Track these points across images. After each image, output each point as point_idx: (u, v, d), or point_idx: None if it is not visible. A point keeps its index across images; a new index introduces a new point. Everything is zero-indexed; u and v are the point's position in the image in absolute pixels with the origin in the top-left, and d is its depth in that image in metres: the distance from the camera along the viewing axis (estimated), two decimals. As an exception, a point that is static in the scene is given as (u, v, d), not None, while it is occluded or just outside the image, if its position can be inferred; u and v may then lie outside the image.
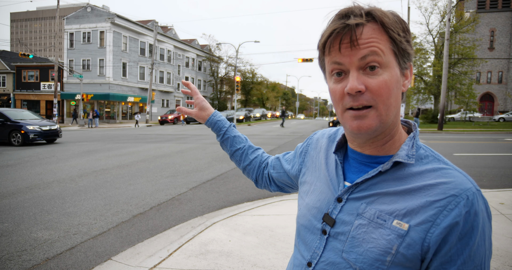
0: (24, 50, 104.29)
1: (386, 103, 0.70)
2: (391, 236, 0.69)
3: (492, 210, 4.86)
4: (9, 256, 3.64)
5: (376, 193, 0.74)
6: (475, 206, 0.66)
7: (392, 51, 0.70)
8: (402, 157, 0.73)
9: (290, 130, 24.58)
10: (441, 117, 23.18)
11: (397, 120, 0.76)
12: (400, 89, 0.74)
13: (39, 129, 14.60)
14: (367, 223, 0.72)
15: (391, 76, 0.70)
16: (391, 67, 0.70)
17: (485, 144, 14.88)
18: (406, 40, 0.72)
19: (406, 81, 0.75)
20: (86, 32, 37.33)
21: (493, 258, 3.33)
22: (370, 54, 0.68)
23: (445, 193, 0.67)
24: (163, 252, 3.61)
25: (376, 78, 0.69)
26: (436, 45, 33.46)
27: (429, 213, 0.67)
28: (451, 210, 0.66)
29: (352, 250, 0.73)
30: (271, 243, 3.77)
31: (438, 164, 0.73)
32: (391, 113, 0.71)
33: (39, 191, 6.38)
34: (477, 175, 7.63)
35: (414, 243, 0.67)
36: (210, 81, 56.10)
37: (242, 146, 1.23)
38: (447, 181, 0.69)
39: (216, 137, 1.27)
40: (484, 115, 41.79)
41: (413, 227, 0.67)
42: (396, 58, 0.71)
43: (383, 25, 0.69)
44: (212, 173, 8.03)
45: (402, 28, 0.71)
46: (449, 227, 0.65)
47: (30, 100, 39.59)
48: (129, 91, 39.29)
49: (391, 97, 0.70)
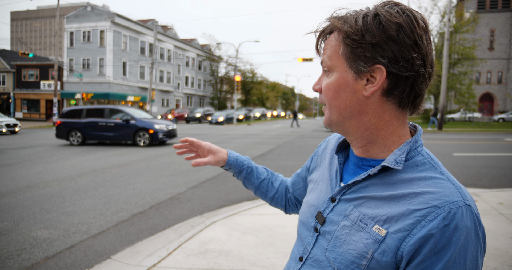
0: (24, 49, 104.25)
1: (330, 104, 0.76)
2: (369, 240, 0.69)
3: (491, 210, 4.86)
4: (8, 255, 3.64)
5: (364, 196, 0.74)
6: (456, 221, 0.63)
7: (339, 55, 0.72)
8: (390, 162, 0.71)
9: (290, 130, 24.57)
10: (441, 117, 23.19)
11: (366, 124, 0.74)
12: (355, 93, 0.72)
13: (165, 128, 13.88)
14: (351, 225, 0.73)
15: (336, 80, 0.74)
16: (338, 71, 0.73)
17: (485, 144, 14.89)
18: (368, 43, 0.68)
19: (370, 85, 0.71)
20: (86, 31, 37.32)
21: (493, 257, 3.34)
22: (325, 59, 0.76)
23: (427, 203, 0.65)
24: (163, 251, 3.61)
25: (325, 80, 0.76)
26: (436, 45, 33.44)
27: (408, 221, 0.65)
28: (430, 221, 0.63)
29: (334, 250, 0.74)
30: (270, 243, 3.77)
31: (432, 173, 0.71)
32: (337, 113, 0.75)
33: (38, 190, 6.38)
34: (476, 175, 7.64)
35: (388, 250, 0.66)
36: (210, 81, 56.11)
37: (266, 175, 1.18)
38: (434, 191, 0.67)
39: (238, 175, 1.17)
40: (484, 115, 41.82)
41: (390, 234, 0.67)
42: (346, 62, 0.72)
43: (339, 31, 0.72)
44: (212, 172, 8.03)
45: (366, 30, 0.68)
46: (423, 238, 0.63)
47: (30, 99, 39.59)
48: (129, 90, 39.28)
49: (334, 99, 0.74)
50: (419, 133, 0.77)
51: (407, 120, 0.77)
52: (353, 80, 0.72)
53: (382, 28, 0.68)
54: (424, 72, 0.70)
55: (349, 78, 0.72)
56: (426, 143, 14.85)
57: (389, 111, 0.73)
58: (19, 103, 39.84)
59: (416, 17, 0.70)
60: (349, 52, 0.71)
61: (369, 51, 0.69)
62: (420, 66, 0.69)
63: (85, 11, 37.47)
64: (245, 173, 1.16)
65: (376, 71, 0.70)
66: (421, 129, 0.79)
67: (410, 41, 0.68)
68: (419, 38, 0.68)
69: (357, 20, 0.69)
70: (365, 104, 0.73)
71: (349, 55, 0.71)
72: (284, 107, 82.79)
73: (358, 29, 0.69)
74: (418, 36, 0.68)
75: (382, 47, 0.68)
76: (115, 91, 36.81)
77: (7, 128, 19.75)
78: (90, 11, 37.26)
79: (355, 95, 0.72)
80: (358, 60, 0.70)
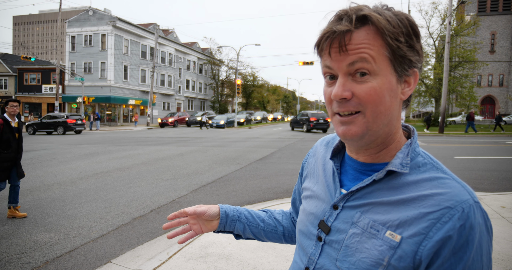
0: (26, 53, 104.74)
1: (374, 111, 0.68)
2: (383, 247, 0.67)
3: (493, 214, 4.84)
4: (9, 259, 3.64)
5: (370, 202, 0.72)
6: (470, 219, 0.63)
7: (386, 57, 0.67)
8: (396, 166, 0.70)
9: (291, 133, 24.57)
10: (442, 120, 23.17)
11: (392, 129, 0.73)
12: (396, 97, 0.70)
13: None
14: (361, 233, 0.71)
15: (382, 84, 0.67)
16: (383, 75, 0.67)
17: (486, 147, 14.85)
18: (408, 46, 0.67)
19: (407, 88, 0.72)
20: (88, 35, 37.50)
21: (495, 261, 3.32)
22: (359, 60, 0.66)
23: (439, 205, 0.65)
24: (163, 255, 3.60)
25: (365, 85, 0.67)
26: (436, 48, 33.51)
27: (422, 225, 0.65)
28: (445, 223, 0.63)
29: (345, 259, 0.72)
30: (271, 246, 3.76)
31: (436, 173, 0.70)
32: (380, 121, 0.69)
33: (39, 193, 6.38)
34: (478, 178, 7.61)
35: (405, 255, 0.65)
36: (211, 84, 56.20)
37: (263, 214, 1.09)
38: (443, 191, 0.66)
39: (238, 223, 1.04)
40: (485, 118, 41.75)
41: (405, 239, 0.66)
42: (391, 65, 0.68)
43: (378, 29, 0.66)
44: (213, 176, 8.02)
45: (404, 32, 0.67)
46: (441, 241, 0.63)
47: (32, 103, 39.72)
48: (130, 94, 39.38)
49: (380, 105, 0.68)
50: (415, 135, 0.77)
51: None
52: (396, 84, 0.70)
53: (415, 33, 0.69)
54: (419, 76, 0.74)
55: (394, 82, 0.69)
56: (427, 146, 14.83)
57: (400, 115, 0.75)
58: (21, 107, 39.99)
59: None
60: (397, 55, 0.68)
61: (412, 54, 0.69)
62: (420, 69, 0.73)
63: (86, 15, 37.68)
64: (244, 218, 1.04)
65: (411, 75, 0.71)
66: (414, 129, 0.79)
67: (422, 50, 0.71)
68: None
69: (400, 19, 0.68)
70: (399, 108, 0.73)
71: (397, 58, 0.68)
72: (285, 110, 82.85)
73: (402, 30, 0.67)
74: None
75: (418, 52, 0.70)
76: (116, 94, 36.90)
77: None
78: (91, 15, 37.46)
79: (396, 99, 0.71)
80: (403, 64, 0.69)
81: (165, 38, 44.35)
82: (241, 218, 1.04)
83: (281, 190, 6.60)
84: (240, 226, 1.04)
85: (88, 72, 37.16)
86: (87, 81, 35.92)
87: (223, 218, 1.02)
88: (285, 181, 7.47)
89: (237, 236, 1.08)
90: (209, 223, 1.02)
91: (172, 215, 0.99)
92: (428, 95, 33.92)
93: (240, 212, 1.05)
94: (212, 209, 1.01)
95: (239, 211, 1.05)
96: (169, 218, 0.99)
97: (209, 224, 1.02)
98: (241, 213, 1.05)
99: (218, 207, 1.02)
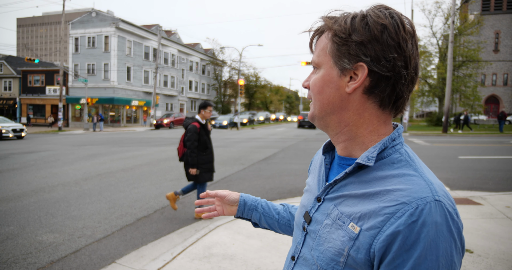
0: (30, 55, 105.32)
1: (315, 99, 0.79)
2: (345, 238, 0.70)
3: (498, 214, 4.82)
4: (14, 259, 3.66)
5: (343, 195, 0.76)
6: (424, 217, 0.63)
7: (326, 53, 0.75)
8: (362, 159, 0.73)
9: (294, 133, 24.55)
10: (446, 120, 23.06)
11: (346, 120, 0.76)
12: (338, 90, 0.75)
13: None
14: (331, 224, 0.75)
15: (322, 76, 0.77)
16: (323, 68, 0.77)
17: (491, 146, 14.77)
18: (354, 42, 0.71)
19: (352, 82, 0.73)
20: (91, 36, 37.64)
21: (500, 262, 3.30)
22: (314, 56, 0.79)
23: (396, 200, 0.66)
24: (167, 255, 3.61)
25: (313, 76, 0.80)
26: (440, 48, 33.37)
27: (379, 219, 0.66)
28: (398, 218, 0.64)
29: (317, 248, 0.76)
30: (274, 247, 3.76)
31: (407, 170, 0.71)
32: (320, 108, 0.78)
33: (44, 194, 6.42)
34: (482, 178, 7.57)
35: (362, 247, 0.67)
36: (213, 85, 56.26)
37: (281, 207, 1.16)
38: (404, 187, 0.67)
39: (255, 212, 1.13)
40: (490, 117, 41.51)
41: (363, 232, 0.68)
42: (332, 59, 0.75)
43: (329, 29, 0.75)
44: (216, 176, 8.03)
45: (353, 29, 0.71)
46: (392, 235, 0.63)
47: (36, 104, 39.92)
48: (134, 95, 39.50)
49: (319, 94, 0.77)
50: (397, 131, 0.77)
51: (390, 121, 0.78)
52: (337, 76, 0.75)
53: (368, 28, 0.71)
54: (406, 75, 0.71)
55: (334, 75, 0.75)
56: (430, 146, 14.77)
57: (369, 109, 0.75)
58: (25, 108, 40.19)
59: (403, 21, 0.72)
60: (335, 49, 0.74)
61: (353, 49, 0.72)
62: (402, 67, 0.71)
63: (89, 17, 37.83)
64: (261, 208, 1.13)
65: (358, 69, 0.72)
66: (401, 127, 0.80)
67: (393, 42, 0.69)
68: (403, 41, 0.70)
69: (346, 20, 0.73)
70: (347, 100, 0.75)
71: (335, 52, 0.74)
72: (288, 110, 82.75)
73: (346, 28, 0.72)
74: (402, 39, 0.70)
75: (365, 46, 0.71)
76: (119, 96, 37.02)
77: (13, 133, 20.00)
78: (94, 17, 37.61)
79: (338, 91, 0.75)
80: (343, 58, 0.73)
81: (168, 39, 44.46)
82: (258, 208, 1.13)
83: (285, 191, 6.60)
84: (256, 215, 1.13)
85: (91, 74, 37.30)
86: (91, 83, 36.06)
87: (241, 206, 1.13)
88: (289, 181, 7.47)
89: (255, 224, 1.17)
90: (230, 207, 1.14)
91: (204, 193, 1.14)
92: (432, 94, 33.78)
93: (258, 202, 1.14)
94: (232, 195, 1.13)
95: (257, 202, 1.14)
96: (201, 196, 1.16)
97: (230, 208, 1.14)
98: (259, 203, 1.14)
99: (239, 194, 1.14)
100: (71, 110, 38.11)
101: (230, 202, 1.13)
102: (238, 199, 1.13)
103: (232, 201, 1.13)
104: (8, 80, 40.85)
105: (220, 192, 1.13)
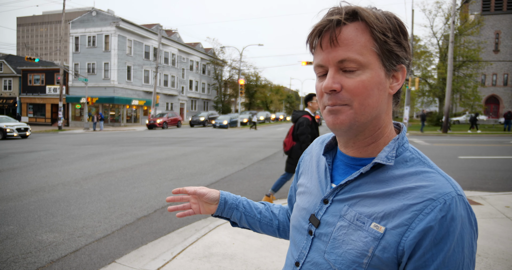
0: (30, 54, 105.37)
1: (363, 103, 0.70)
2: (368, 238, 0.69)
3: (498, 213, 4.82)
4: (14, 259, 3.67)
5: (358, 195, 0.74)
6: (452, 211, 0.65)
7: (374, 52, 0.70)
8: (382, 159, 0.72)
9: (294, 133, 24.51)
10: (446, 120, 23.07)
11: (381, 123, 0.75)
12: (385, 91, 0.73)
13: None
14: (348, 225, 0.73)
15: (371, 77, 0.70)
16: (371, 68, 0.70)
17: (491, 146, 14.77)
18: (395, 41, 0.71)
19: (395, 83, 0.74)
20: (91, 36, 37.63)
21: (499, 261, 3.30)
22: (353, 55, 0.69)
23: (422, 197, 0.67)
24: (167, 254, 3.61)
25: (354, 78, 0.70)
26: (440, 48, 33.35)
27: (405, 216, 0.66)
28: (427, 214, 0.65)
29: (333, 251, 0.74)
30: (274, 246, 3.76)
31: (422, 167, 0.72)
32: (367, 113, 0.71)
33: (44, 194, 6.42)
34: (482, 178, 7.57)
35: (389, 246, 0.67)
36: (214, 84, 56.24)
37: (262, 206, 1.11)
38: (427, 184, 0.68)
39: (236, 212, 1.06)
40: (490, 117, 41.50)
41: (389, 230, 0.67)
42: (379, 59, 0.70)
43: (367, 24, 0.69)
44: (216, 176, 8.03)
45: (392, 28, 0.70)
46: (423, 232, 0.64)
47: (36, 104, 39.91)
48: (134, 94, 39.49)
49: (368, 98, 0.70)
50: (404, 131, 0.80)
51: None
52: (385, 78, 0.73)
53: (403, 31, 0.73)
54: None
55: (382, 76, 0.72)
56: (431, 146, 14.77)
57: (391, 109, 0.78)
58: (25, 108, 40.18)
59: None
60: (384, 49, 0.70)
61: (399, 50, 0.72)
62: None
63: (90, 16, 37.82)
64: (242, 207, 1.06)
65: (399, 70, 0.74)
66: (404, 126, 0.82)
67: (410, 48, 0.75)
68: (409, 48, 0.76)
69: (383, 16, 0.71)
70: (389, 102, 0.76)
71: (384, 52, 0.71)
72: (288, 110, 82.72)
73: (389, 27, 0.71)
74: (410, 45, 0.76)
75: (406, 49, 0.73)
76: (119, 95, 37.01)
77: (18, 132, 20.07)
78: (95, 16, 37.59)
79: (385, 93, 0.74)
80: (391, 59, 0.72)
81: (168, 39, 44.44)
82: (239, 207, 1.07)
83: (284, 190, 6.60)
84: (237, 215, 1.06)
85: (91, 73, 37.30)
86: (91, 82, 36.06)
87: (221, 204, 1.05)
88: (288, 181, 7.47)
89: (233, 223, 1.10)
90: (208, 206, 1.05)
91: (176, 190, 1.04)
92: (432, 94, 33.78)
93: (239, 201, 1.08)
94: (212, 193, 1.04)
95: (238, 200, 1.08)
96: (173, 192, 1.05)
97: (207, 207, 1.05)
98: (240, 202, 1.08)
99: (219, 192, 1.06)
100: (71, 110, 38.11)
101: (210, 200, 1.04)
102: (218, 198, 1.05)
103: (212, 199, 1.04)
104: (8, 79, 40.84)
105: (199, 190, 1.03)
